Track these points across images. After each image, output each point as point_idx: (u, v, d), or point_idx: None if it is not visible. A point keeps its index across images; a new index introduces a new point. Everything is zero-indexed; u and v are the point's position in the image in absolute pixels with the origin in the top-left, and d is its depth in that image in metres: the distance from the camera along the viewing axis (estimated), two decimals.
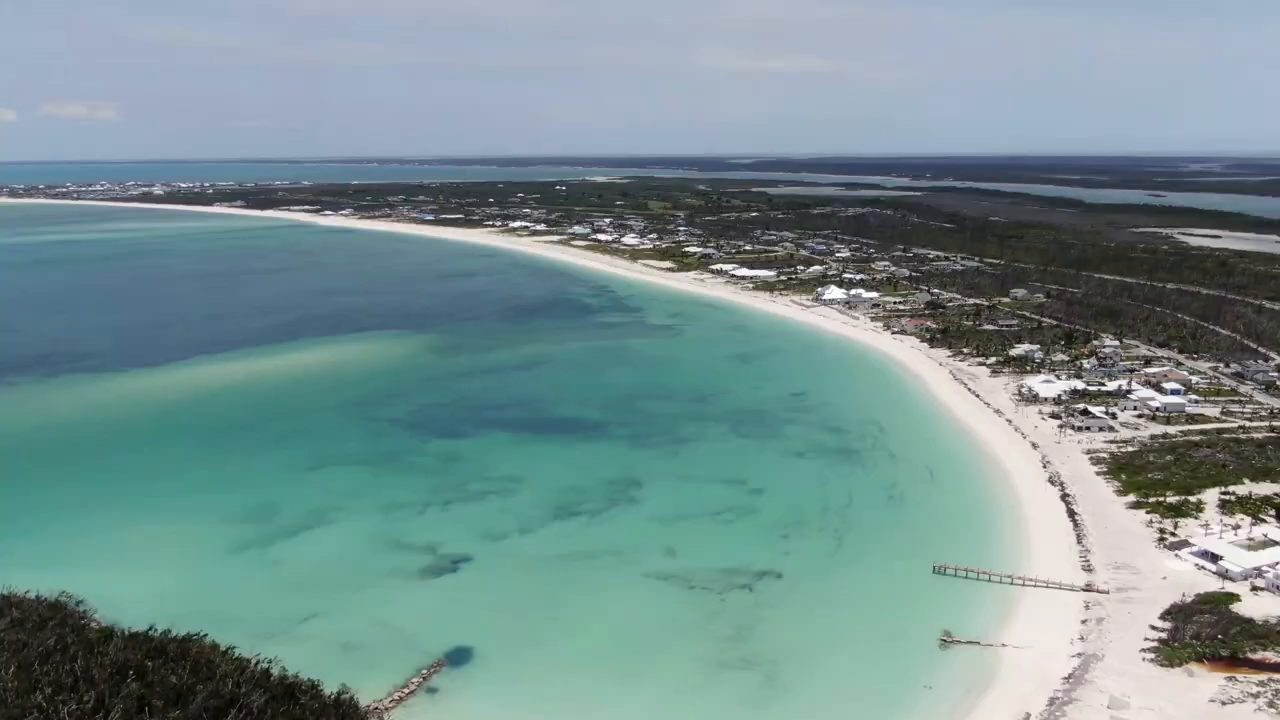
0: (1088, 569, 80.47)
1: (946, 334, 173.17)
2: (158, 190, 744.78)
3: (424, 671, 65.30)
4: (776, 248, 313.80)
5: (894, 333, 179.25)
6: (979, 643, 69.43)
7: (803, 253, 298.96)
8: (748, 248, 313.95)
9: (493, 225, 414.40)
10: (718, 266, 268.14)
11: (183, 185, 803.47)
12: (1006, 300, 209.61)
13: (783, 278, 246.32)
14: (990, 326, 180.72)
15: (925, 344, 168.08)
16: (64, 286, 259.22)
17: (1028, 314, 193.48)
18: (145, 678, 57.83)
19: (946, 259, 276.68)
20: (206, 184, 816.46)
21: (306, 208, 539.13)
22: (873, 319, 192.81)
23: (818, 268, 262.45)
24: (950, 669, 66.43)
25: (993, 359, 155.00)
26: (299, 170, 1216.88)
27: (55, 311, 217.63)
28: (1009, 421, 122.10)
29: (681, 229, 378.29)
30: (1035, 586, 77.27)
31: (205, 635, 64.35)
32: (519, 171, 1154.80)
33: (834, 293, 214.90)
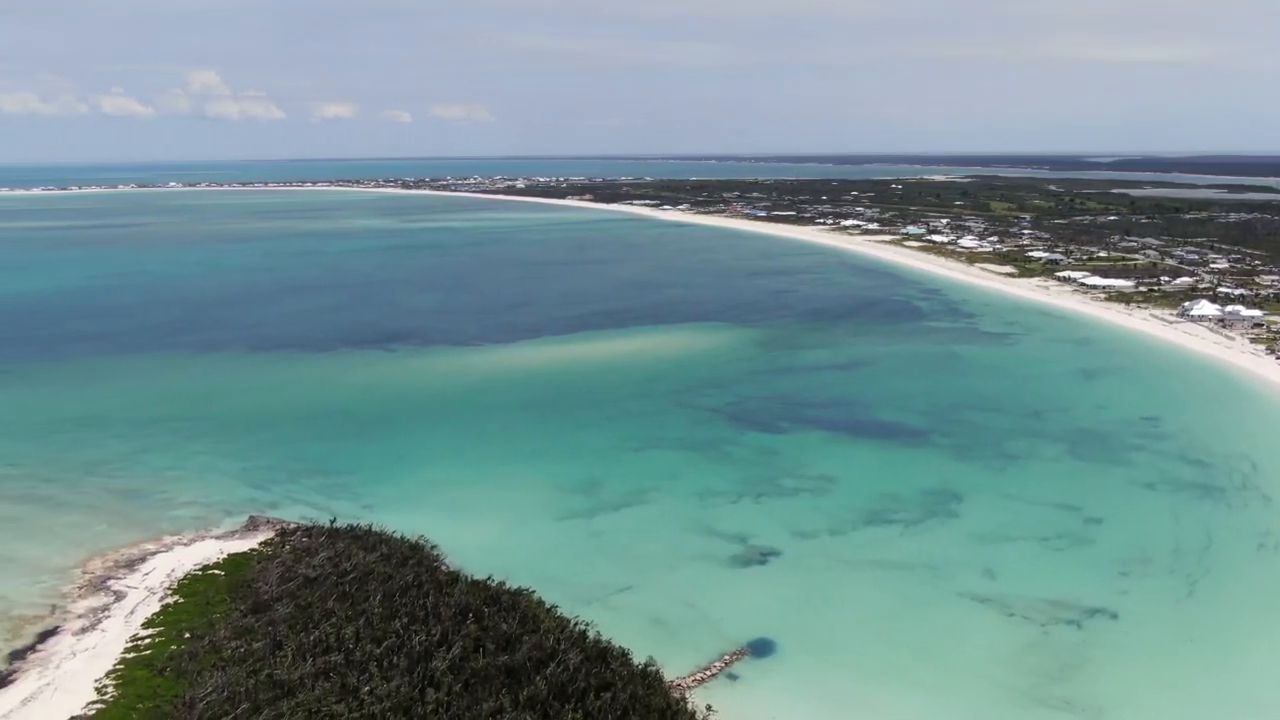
0: None
1: None
2: (520, 184, 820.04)
3: (726, 657, 66.70)
4: (1136, 255, 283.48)
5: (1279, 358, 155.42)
6: None
7: (1168, 262, 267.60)
8: (1101, 254, 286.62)
9: (824, 223, 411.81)
10: (1065, 273, 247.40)
11: (540, 179, 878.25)
12: None
13: (1142, 289, 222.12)
14: None
15: None
16: (436, 268, 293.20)
17: None
18: (481, 622, 64.30)
19: None
20: (561, 179, 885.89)
21: (647, 202, 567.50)
22: (1252, 340, 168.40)
23: (1186, 279, 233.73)
24: None
25: None
26: (642, 167, 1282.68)
27: (428, 290, 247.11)
28: None
29: (1026, 232, 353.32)
30: None
31: (534, 591, 70.35)
32: (854, 169, 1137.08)
33: (1204, 308, 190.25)
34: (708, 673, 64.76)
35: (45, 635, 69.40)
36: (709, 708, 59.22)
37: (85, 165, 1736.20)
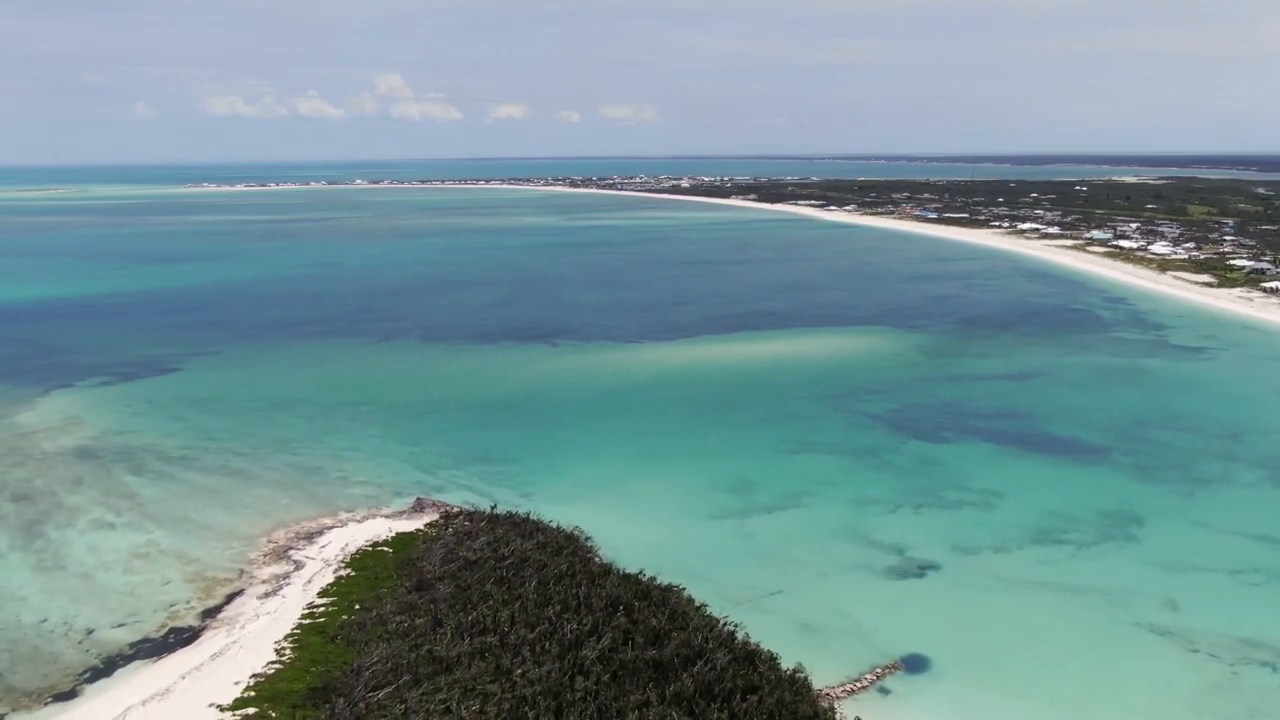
0: None
1: None
2: (684, 184, 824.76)
3: (878, 670, 64.82)
4: None
5: None
6: None
7: None
8: None
9: (999, 226, 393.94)
10: (1272, 284, 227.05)
11: (705, 179, 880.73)
12: None
13: None
14: None
15: None
16: (600, 265, 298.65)
17: None
18: (632, 615, 65.00)
19: None
20: (725, 178, 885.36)
21: (812, 202, 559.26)
22: None
23: None
24: None
25: None
26: (808, 166, 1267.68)
27: (592, 286, 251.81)
28: None
29: (1227, 238, 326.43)
30: None
31: (684, 588, 70.55)
32: (1034, 170, 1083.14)
33: None
34: (858, 684, 63.12)
35: (232, 596, 75.35)
36: None
37: (282, 164, 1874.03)
